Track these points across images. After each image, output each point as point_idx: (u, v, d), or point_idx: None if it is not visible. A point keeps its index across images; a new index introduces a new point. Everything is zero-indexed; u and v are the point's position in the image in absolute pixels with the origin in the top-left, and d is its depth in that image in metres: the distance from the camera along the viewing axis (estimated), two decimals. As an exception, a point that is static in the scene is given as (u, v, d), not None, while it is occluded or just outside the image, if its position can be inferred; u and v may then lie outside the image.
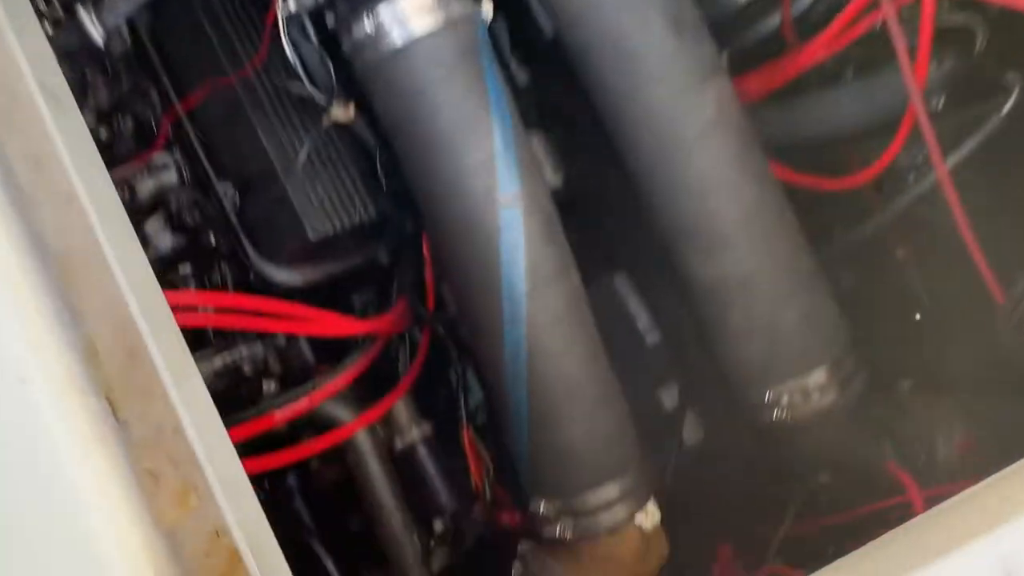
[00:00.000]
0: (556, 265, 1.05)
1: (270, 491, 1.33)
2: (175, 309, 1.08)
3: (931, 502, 1.07)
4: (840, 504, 1.17)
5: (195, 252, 1.16)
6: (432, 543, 1.31)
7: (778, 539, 1.20)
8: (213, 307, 1.10)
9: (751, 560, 1.32)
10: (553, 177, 1.40)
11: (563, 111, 1.40)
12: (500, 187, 1.02)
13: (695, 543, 1.45)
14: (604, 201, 1.46)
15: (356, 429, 1.22)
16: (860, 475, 1.14)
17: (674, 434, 1.48)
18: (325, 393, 1.19)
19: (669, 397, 1.53)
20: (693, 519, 1.51)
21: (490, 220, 1.02)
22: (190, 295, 1.12)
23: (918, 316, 1.26)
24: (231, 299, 1.11)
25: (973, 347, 1.35)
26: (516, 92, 1.32)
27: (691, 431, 1.52)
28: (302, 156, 1.10)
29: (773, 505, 1.35)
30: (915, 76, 1.13)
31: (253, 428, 1.13)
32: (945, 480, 1.14)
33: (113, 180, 1.14)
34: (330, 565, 1.33)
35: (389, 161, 1.14)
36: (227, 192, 1.13)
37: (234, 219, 1.13)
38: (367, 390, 1.35)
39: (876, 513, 1.14)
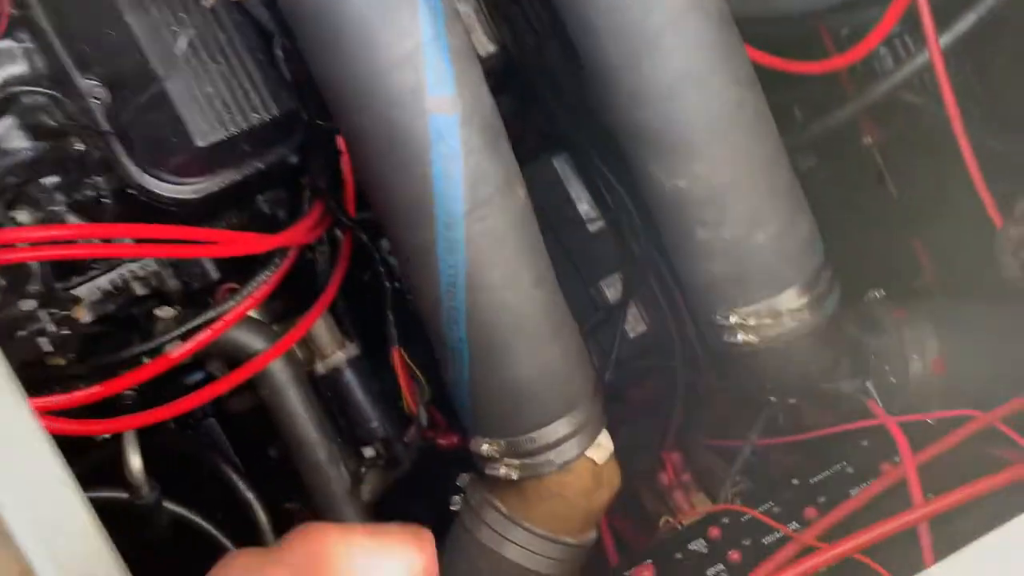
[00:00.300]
0: (499, 180, 0.89)
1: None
2: (47, 244, 0.90)
3: (903, 428, 0.99)
4: (806, 426, 1.09)
5: (60, 161, 0.96)
6: (363, 471, 1.20)
7: (741, 461, 1.12)
8: (93, 238, 0.91)
9: (708, 480, 1.25)
10: (485, 43, 1.22)
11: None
12: (430, 87, 0.84)
13: (640, 446, 1.39)
14: (543, 72, 1.30)
15: (269, 360, 1.07)
16: (830, 399, 1.05)
17: (616, 327, 1.39)
18: (229, 322, 1.03)
19: (611, 288, 1.43)
20: (637, 419, 1.44)
21: (419, 128, 0.84)
22: (63, 229, 0.92)
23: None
24: (110, 230, 0.93)
25: (951, 248, 1.26)
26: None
27: (634, 323, 1.44)
28: (181, 44, 0.89)
29: (727, 418, 1.28)
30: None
31: (145, 373, 0.97)
32: (918, 401, 1.06)
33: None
34: (250, 497, 1.22)
35: (292, 47, 0.94)
36: (93, 90, 0.91)
37: (104, 123, 0.92)
38: (282, 306, 1.20)
39: (844, 434, 1.06)
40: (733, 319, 1.01)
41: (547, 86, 1.33)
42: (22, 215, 0.97)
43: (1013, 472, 0.79)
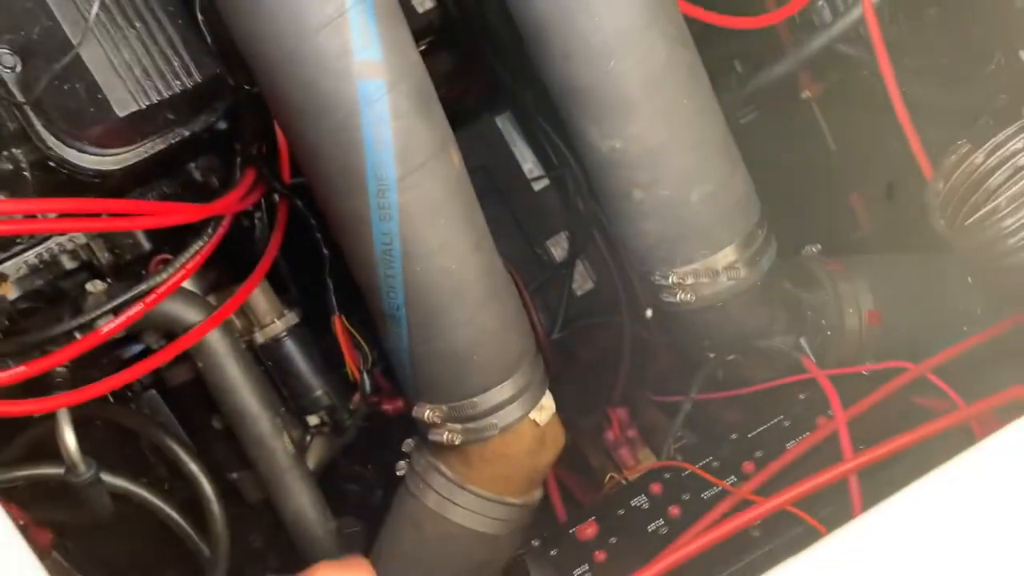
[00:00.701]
0: (431, 144, 0.87)
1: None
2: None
3: (839, 380, 1.01)
4: (744, 380, 1.10)
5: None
6: (308, 440, 1.20)
7: (682, 416, 1.13)
8: (16, 214, 0.88)
9: (650, 434, 1.26)
10: (424, -2, 1.20)
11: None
12: (356, 51, 0.82)
13: (587, 402, 1.40)
14: (484, 30, 1.27)
15: (205, 332, 1.05)
16: (767, 355, 1.06)
17: (564, 284, 1.39)
18: (161, 295, 1.00)
19: (558, 247, 1.43)
20: (586, 375, 1.45)
21: (347, 94, 0.82)
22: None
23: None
24: (33, 205, 0.89)
25: (885, 200, 1.27)
26: None
27: (581, 281, 1.45)
28: (94, 8, 0.85)
29: (673, 374, 1.29)
30: None
31: (75, 350, 0.94)
32: (855, 353, 1.08)
33: None
34: (194, 469, 1.21)
35: (213, 9, 0.90)
36: (3, 58, 0.87)
37: (17, 92, 0.88)
38: (217, 276, 1.18)
39: (782, 388, 1.08)
40: (671, 279, 1.01)
41: (488, 44, 1.30)
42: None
43: (935, 424, 0.81)
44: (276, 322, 1.15)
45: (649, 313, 1.13)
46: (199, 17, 0.91)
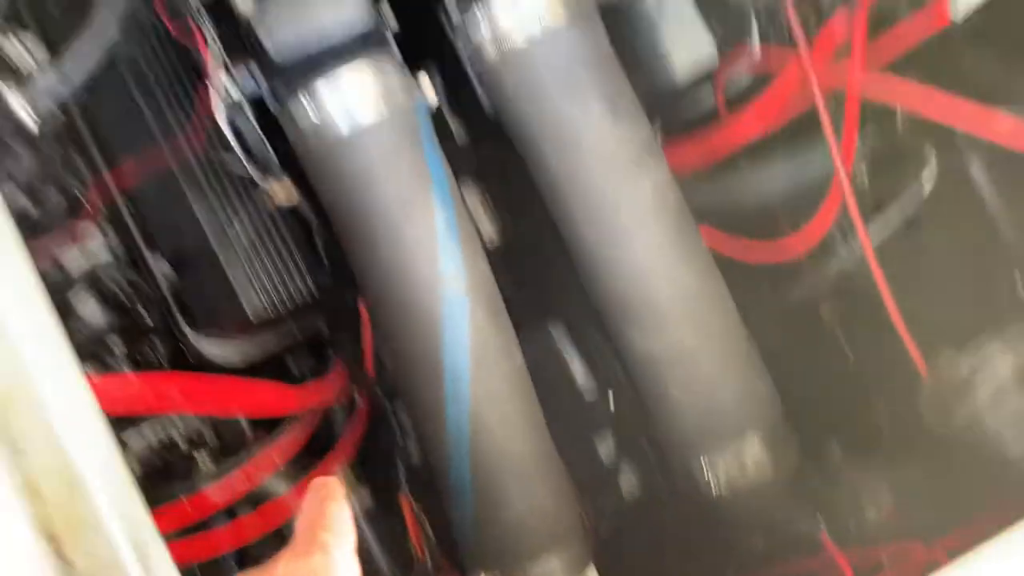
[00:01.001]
0: (500, 347, 1.06)
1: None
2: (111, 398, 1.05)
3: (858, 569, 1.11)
4: (771, 564, 1.20)
5: (127, 328, 1.13)
6: (373, 614, 1.30)
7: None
8: (146, 390, 1.06)
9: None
10: (490, 229, 1.41)
11: (500, 160, 1.41)
12: (443, 271, 1.02)
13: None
14: (541, 251, 1.47)
15: (293, 504, 1.20)
16: (793, 542, 1.17)
17: (611, 487, 1.50)
18: (265, 471, 1.16)
19: (606, 449, 1.54)
20: (632, 572, 1.52)
21: (433, 304, 1.02)
22: (119, 380, 1.08)
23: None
24: (165, 379, 1.08)
25: (900, 412, 1.39)
26: (455, 148, 1.33)
27: (628, 483, 1.54)
28: (241, 236, 1.08)
29: (710, 565, 1.38)
30: (842, 158, 1.17)
31: (191, 516, 1.10)
32: (872, 542, 1.18)
33: (40, 254, 1.11)
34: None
35: (329, 236, 1.13)
36: (161, 269, 1.10)
37: (169, 297, 1.10)
38: (302, 455, 1.34)
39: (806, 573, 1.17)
40: (706, 470, 1.15)
41: (543, 263, 1.51)
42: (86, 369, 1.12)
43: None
44: (352, 500, 1.29)
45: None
46: (318, 241, 1.14)
